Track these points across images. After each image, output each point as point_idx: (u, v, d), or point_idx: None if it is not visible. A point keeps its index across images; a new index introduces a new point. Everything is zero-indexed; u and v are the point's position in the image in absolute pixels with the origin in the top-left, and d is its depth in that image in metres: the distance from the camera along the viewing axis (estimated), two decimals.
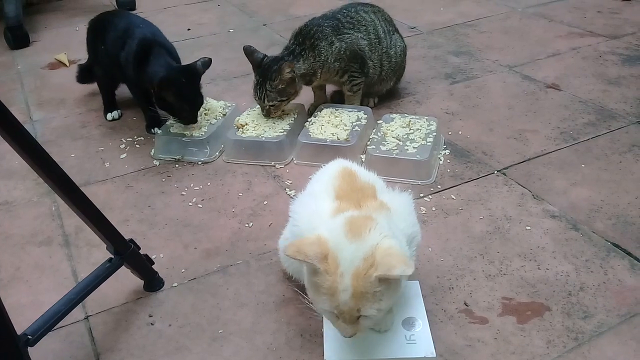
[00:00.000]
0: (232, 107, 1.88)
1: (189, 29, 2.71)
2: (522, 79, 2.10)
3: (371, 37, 1.84)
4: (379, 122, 1.75)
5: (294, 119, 1.78)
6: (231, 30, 2.70)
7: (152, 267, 1.26)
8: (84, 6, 3.08)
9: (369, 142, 1.67)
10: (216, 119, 1.81)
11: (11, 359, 0.90)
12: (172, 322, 1.19)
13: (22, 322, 0.96)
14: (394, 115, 1.77)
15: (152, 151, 1.77)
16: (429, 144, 1.61)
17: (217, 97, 1.95)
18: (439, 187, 1.56)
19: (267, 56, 1.74)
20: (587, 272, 1.26)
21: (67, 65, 2.41)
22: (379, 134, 1.68)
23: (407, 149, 1.60)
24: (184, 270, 1.32)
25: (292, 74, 1.69)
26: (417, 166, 1.56)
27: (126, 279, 1.24)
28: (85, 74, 2.10)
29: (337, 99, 1.97)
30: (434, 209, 1.47)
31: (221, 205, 1.53)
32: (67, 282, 1.31)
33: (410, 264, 0.91)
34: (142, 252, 1.22)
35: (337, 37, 1.77)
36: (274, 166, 1.68)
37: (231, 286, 1.27)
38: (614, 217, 1.42)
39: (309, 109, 1.91)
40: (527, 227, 1.39)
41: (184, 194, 1.58)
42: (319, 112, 1.79)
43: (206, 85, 1.75)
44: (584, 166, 1.61)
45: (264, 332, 1.15)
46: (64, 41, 2.65)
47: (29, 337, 0.95)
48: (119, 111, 1.99)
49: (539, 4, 2.79)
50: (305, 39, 1.75)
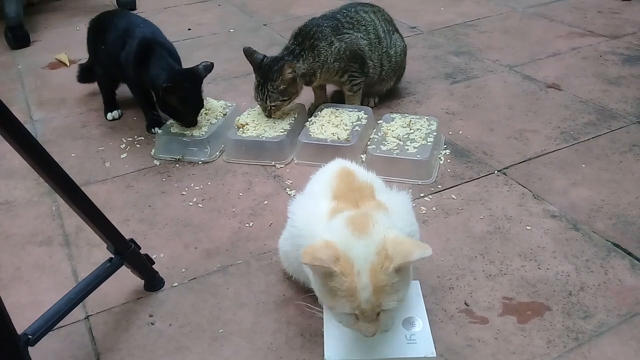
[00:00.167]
0: (233, 107, 1.89)
1: (189, 29, 2.71)
2: (523, 78, 2.10)
3: (371, 37, 1.84)
4: (379, 122, 1.75)
5: (294, 119, 1.78)
6: (231, 30, 2.70)
7: (153, 266, 1.26)
8: (84, 6, 3.08)
9: (369, 142, 1.67)
10: (216, 119, 1.81)
11: (11, 358, 0.90)
12: (172, 322, 1.19)
13: (22, 322, 0.96)
14: (395, 115, 1.77)
15: (153, 151, 1.77)
16: (429, 143, 1.61)
17: (218, 96, 1.95)
18: (440, 187, 1.56)
19: (267, 57, 1.74)
20: (588, 272, 1.26)
21: (68, 65, 2.41)
22: (379, 133, 1.68)
23: (408, 149, 1.60)
24: (184, 270, 1.32)
25: (294, 73, 1.69)
26: (417, 166, 1.56)
27: (126, 279, 1.24)
28: (85, 74, 2.10)
29: (338, 99, 1.97)
30: (434, 208, 1.47)
31: (221, 205, 1.53)
32: (67, 281, 1.31)
33: (424, 245, 0.91)
34: (142, 251, 1.22)
35: (336, 37, 1.77)
36: (275, 166, 1.68)
37: (231, 286, 1.27)
38: (614, 217, 1.42)
39: (309, 109, 1.92)
40: (528, 227, 1.39)
41: (184, 193, 1.58)
42: (319, 112, 1.79)
43: (207, 85, 1.75)
44: (584, 166, 1.61)
45: (264, 331, 1.15)
46: (65, 41, 2.65)
47: (30, 336, 0.95)
48: (120, 111, 1.99)
49: (539, 4, 2.79)
50: (304, 39, 1.75)
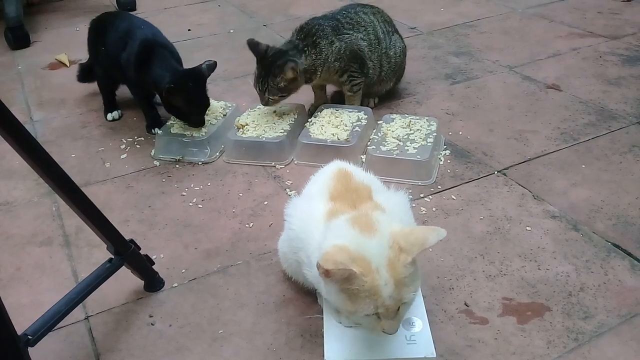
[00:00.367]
0: (233, 108, 1.89)
1: (189, 30, 2.71)
2: (523, 79, 2.10)
3: (370, 38, 1.84)
4: (379, 122, 1.75)
5: (294, 119, 1.78)
6: (231, 30, 2.70)
7: (153, 267, 1.26)
8: (84, 6, 3.08)
9: (369, 143, 1.67)
10: (216, 120, 1.81)
11: (11, 359, 0.90)
12: (172, 323, 1.19)
13: (22, 322, 0.96)
14: (394, 115, 1.77)
15: (153, 151, 1.77)
16: (429, 144, 1.61)
17: (218, 97, 1.95)
18: (439, 187, 1.56)
19: (271, 47, 1.74)
20: (588, 273, 1.26)
21: (68, 65, 2.41)
22: (379, 134, 1.68)
23: (408, 150, 1.60)
24: (184, 270, 1.32)
25: (295, 74, 1.69)
26: (417, 166, 1.56)
27: (126, 279, 1.24)
28: (86, 73, 2.10)
29: (338, 100, 1.97)
30: (434, 209, 1.47)
31: (221, 205, 1.53)
32: (67, 282, 1.31)
33: (436, 228, 0.92)
34: (142, 252, 1.22)
35: (337, 37, 1.77)
36: (275, 166, 1.68)
37: (231, 286, 1.27)
38: (614, 218, 1.42)
39: (309, 109, 1.92)
40: (528, 228, 1.39)
41: (184, 194, 1.58)
42: (319, 113, 1.79)
43: (207, 85, 1.75)
44: (584, 166, 1.61)
45: (264, 332, 1.15)
46: (65, 41, 2.65)
47: (30, 337, 0.95)
48: (120, 111, 1.99)
49: (539, 4, 2.79)
50: (307, 36, 1.75)
